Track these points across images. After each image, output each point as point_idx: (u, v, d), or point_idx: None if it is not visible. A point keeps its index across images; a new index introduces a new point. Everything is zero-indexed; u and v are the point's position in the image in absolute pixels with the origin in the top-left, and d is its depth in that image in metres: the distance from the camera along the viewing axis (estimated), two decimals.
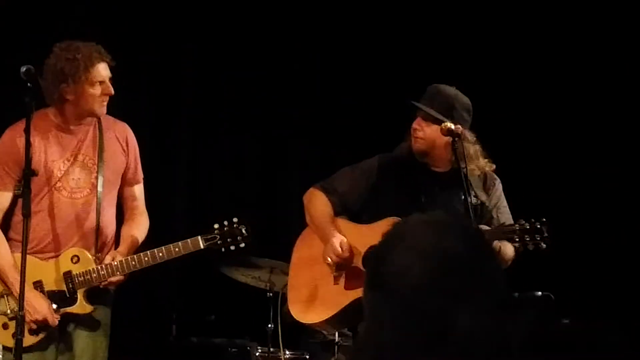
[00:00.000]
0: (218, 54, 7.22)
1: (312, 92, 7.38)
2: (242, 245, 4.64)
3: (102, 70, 4.54)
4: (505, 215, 4.64)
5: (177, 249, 4.55)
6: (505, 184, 4.70)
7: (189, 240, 4.57)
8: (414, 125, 4.59)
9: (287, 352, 6.19)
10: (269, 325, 5.75)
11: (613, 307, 6.23)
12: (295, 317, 4.83)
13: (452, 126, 4.45)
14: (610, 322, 5.88)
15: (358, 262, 4.59)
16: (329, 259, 4.57)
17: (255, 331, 6.19)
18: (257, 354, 6.09)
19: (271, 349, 5.88)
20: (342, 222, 4.73)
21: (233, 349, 6.48)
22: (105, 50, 4.59)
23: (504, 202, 4.67)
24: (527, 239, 4.27)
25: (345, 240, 4.60)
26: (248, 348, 6.32)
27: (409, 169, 4.62)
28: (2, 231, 4.66)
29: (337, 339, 5.98)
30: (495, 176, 4.69)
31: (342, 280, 4.61)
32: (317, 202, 4.76)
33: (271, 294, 5.76)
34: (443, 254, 1.59)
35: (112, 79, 4.60)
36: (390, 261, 1.61)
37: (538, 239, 4.27)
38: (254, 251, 5.31)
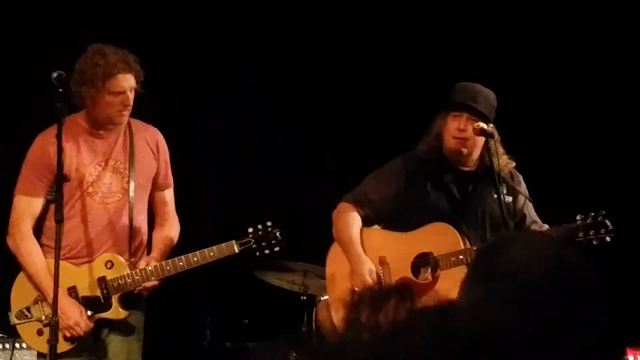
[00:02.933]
0: (246, 58, 7.20)
1: (340, 94, 7.34)
2: (277, 249, 4.61)
3: (122, 82, 4.47)
4: (532, 211, 4.60)
5: (211, 254, 4.53)
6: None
7: (223, 244, 4.54)
8: (461, 126, 4.47)
9: None
10: (303, 329, 5.72)
11: None
12: None
13: (485, 126, 4.41)
14: None
15: (407, 272, 4.52)
16: (356, 288, 4.47)
17: (289, 335, 6.15)
18: (292, 357, 6.06)
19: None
20: (378, 233, 4.68)
21: (267, 353, 6.45)
22: (135, 60, 4.53)
23: (527, 201, 4.62)
24: (592, 233, 4.20)
25: (374, 269, 4.53)
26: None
27: (439, 169, 4.55)
28: (35, 237, 4.66)
29: None
30: (518, 173, 4.65)
31: None
32: (345, 220, 4.70)
33: (305, 298, 5.72)
34: (562, 261, 1.57)
35: (138, 90, 4.53)
36: (505, 257, 1.57)
37: (603, 232, 4.19)
38: (287, 255, 5.28)
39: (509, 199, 4.52)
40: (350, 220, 4.69)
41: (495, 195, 4.43)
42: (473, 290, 1.60)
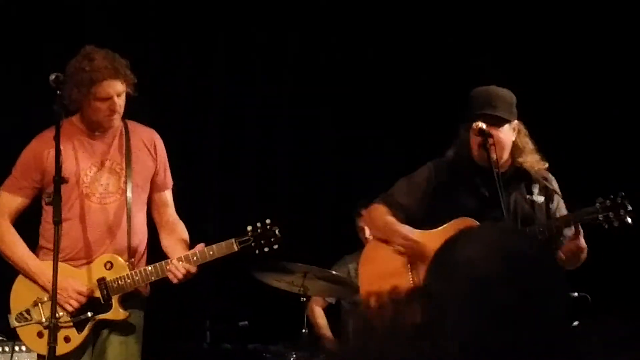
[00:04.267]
0: (248, 56, 7.21)
1: (343, 95, 7.34)
2: (276, 246, 4.60)
3: (109, 88, 4.47)
4: (564, 212, 4.56)
5: (211, 252, 4.52)
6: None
7: (223, 243, 4.53)
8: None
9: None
10: (304, 330, 5.71)
11: None
12: None
13: (484, 126, 4.41)
14: None
15: None
16: (401, 247, 4.54)
17: (289, 336, 6.15)
18: (292, 359, 6.04)
19: (306, 354, 5.84)
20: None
21: (267, 355, 6.45)
22: (126, 64, 4.52)
23: (562, 203, 4.59)
24: (612, 215, 4.22)
25: (411, 228, 4.56)
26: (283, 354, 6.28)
27: (469, 172, 4.56)
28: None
29: None
30: (551, 175, 4.63)
31: None
32: (382, 214, 4.72)
33: (305, 299, 5.71)
34: (509, 250, 1.60)
35: (130, 93, 4.54)
36: (456, 253, 1.62)
37: (622, 213, 4.21)
38: (287, 256, 5.28)
39: (541, 199, 4.52)
40: (387, 214, 4.70)
41: (529, 196, 4.48)
42: (431, 287, 1.64)
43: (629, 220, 4.22)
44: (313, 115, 7.39)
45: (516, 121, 4.51)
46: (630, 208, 4.22)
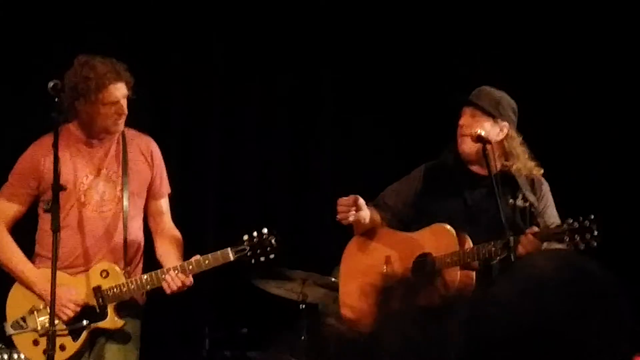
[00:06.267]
0: (247, 66, 7.20)
1: (341, 104, 7.33)
2: (272, 256, 4.57)
3: (115, 91, 4.49)
4: (551, 220, 4.53)
5: (207, 262, 4.51)
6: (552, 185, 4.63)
7: (218, 252, 4.52)
8: (461, 122, 4.48)
9: None
10: (302, 338, 5.69)
11: None
12: None
13: (482, 132, 4.40)
14: None
15: (408, 272, 4.52)
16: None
17: (288, 343, 6.11)
18: None
19: None
20: (387, 233, 4.70)
21: None
22: (124, 67, 4.54)
23: (551, 208, 4.57)
24: (578, 238, 4.18)
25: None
26: None
27: (454, 174, 4.57)
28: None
29: None
30: (543, 180, 4.61)
31: None
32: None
33: (304, 306, 5.70)
34: (581, 267, 1.63)
35: (130, 96, 4.55)
36: (530, 265, 1.66)
37: (588, 237, 4.17)
38: (286, 263, 5.26)
39: (525, 203, 4.51)
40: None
41: (512, 200, 4.46)
42: (504, 290, 1.65)
43: (595, 244, 4.19)
44: (312, 122, 7.37)
45: (506, 124, 4.48)
46: (596, 233, 4.17)
